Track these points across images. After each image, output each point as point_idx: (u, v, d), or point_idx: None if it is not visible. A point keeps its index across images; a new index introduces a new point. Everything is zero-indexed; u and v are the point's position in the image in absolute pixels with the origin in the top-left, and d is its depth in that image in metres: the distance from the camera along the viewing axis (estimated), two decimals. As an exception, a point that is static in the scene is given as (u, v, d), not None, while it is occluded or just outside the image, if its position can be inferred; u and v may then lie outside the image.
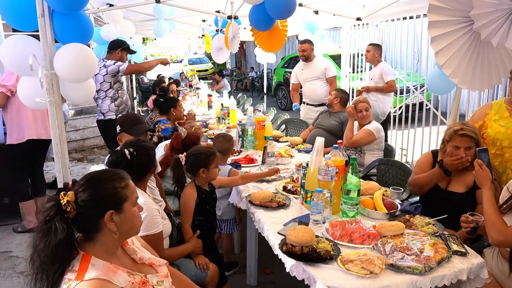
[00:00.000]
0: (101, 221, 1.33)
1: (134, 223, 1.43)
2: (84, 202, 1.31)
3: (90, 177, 1.37)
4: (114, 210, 1.34)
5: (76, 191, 1.33)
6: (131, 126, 2.62)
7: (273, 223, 2.12)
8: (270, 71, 14.84)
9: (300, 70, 5.23)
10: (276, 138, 4.16)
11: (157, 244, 1.97)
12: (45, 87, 2.39)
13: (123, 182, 1.40)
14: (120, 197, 1.37)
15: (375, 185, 2.52)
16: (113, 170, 1.45)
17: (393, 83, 4.95)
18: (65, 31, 2.43)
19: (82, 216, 1.31)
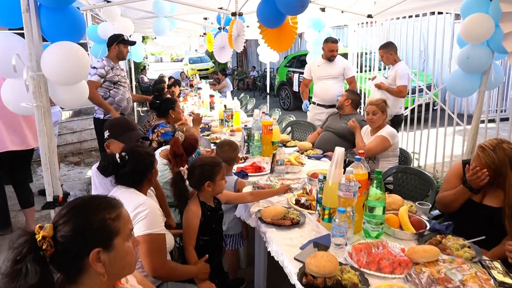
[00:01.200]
0: (85, 261, 1.08)
1: (127, 262, 1.17)
2: (65, 238, 1.06)
3: (73, 206, 1.12)
4: (101, 248, 1.09)
5: (56, 223, 1.08)
6: (121, 133, 2.35)
7: (288, 245, 1.87)
8: (272, 70, 14.59)
9: (316, 67, 4.91)
10: (283, 143, 3.91)
11: (158, 248, 1.75)
12: (31, 90, 2.15)
13: (113, 212, 1.15)
14: (109, 232, 1.12)
15: (398, 198, 2.28)
16: (102, 197, 1.19)
17: (404, 88, 4.65)
18: (54, 28, 2.20)
19: (62, 255, 1.06)
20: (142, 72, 13.81)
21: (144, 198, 1.78)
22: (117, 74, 4.14)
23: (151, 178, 1.96)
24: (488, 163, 2.03)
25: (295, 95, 5.48)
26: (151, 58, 37.80)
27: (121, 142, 2.32)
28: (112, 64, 4.14)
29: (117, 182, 1.90)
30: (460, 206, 2.19)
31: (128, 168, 1.86)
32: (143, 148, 1.98)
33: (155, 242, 1.72)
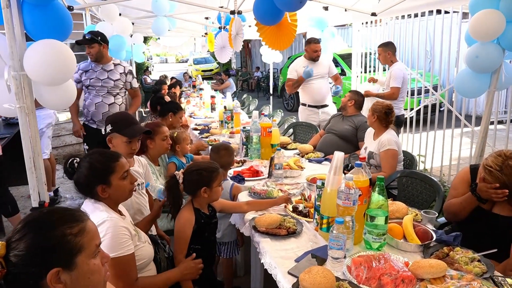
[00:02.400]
0: (42, 282, 0.95)
1: (93, 281, 1.04)
2: (18, 258, 0.94)
3: (29, 221, 0.99)
4: (61, 267, 0.97)
5: (9, 241, 0.95)
6: (125, 126, 2.24)
7: (282, 257, 1.74)
8: (276, 71, 14.46)
9: (303, 68, 4.75)
10: (283, 145, 3.78)
11: (125, 270, 1.61)
12: (13, 91, 2.04)
13: (76, 226, 1.02)
14: (70, 249, 0.99)
15: (402, 206, 2.13)
16: (64, 210, 1.06)
17: (396, 90, 4.52)
18: (37, 25, 2.08)
19: (16, 276, 0.94)
20: (145, 73, 13.72)
21: (104, 216, 1.61)
22: (89, 78, 3.88)
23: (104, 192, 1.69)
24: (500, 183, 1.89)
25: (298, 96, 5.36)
26: (156, 59, 37.85)
27: (124, 136, 2.22)
28: (93, 66, 3.90)
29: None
30: (468, 214, 2.04)
31: (76, 177, 1.71)
32: (97, 156, 1.75)
33: (120, 265, 1.58)
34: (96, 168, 1.69)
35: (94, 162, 1.70)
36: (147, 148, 2.78)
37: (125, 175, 1.75)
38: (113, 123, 2.26)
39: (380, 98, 4.53)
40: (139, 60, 8.02)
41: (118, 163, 1.73)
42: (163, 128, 2.82)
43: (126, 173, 1.75)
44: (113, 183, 1.70)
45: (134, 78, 4.07)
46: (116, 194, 1.72)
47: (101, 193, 1.68)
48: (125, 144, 2.21)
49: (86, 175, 1.68)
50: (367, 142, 3.34)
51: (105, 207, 1.68)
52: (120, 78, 3.93)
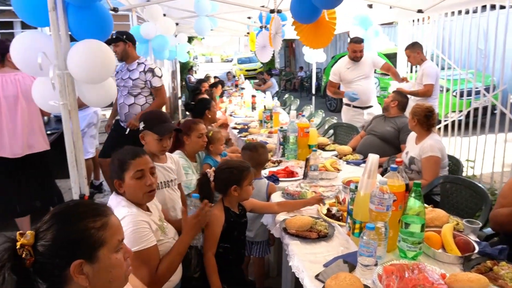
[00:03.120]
0: (67, 272, 0.99)
1: (114, 275, 1.07)
2: (44, 247, 0.98)
3: (56, 213, 1.03)
4: (84, 260, 1.00)
5: (38, 230, 0.99)
6: (155, 124, 2.30)
7: (311, 261, 1.70)
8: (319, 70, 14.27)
9: (346, 69, 4.66)
10: (322, 146, 3.71)
11: (145, 262, 1.64)
12: (58, 88, 2.14)
13: (99, 220, 1.05)
14: (93, 242, 1.02)
15: (442, 214, 2.01)
16: (89, 204, 1.10)
17: (431, 87, 4.38)
18: (81, 26, 2.17)
19: (42, 264, 0.97)
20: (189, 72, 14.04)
21: (125, 212, 1.65)
22: (117, 78, 3.88)
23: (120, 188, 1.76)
24: None
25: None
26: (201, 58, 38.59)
27: (154, 133, 2.27)
28: (122, 66, 3.91)
29: None
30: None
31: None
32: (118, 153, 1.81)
33: (142, 257, 1.61)
34: (114, 163, 1.77)
35: (115, 158, 1.79)
36: (183, 144, 2.83)
37: (139, 175, 1.75)
38: (145, 120, 2.32)
39: (414, 95, 4.39)
40: (183, 60, 8.18)
41: (133, 162, 1.75)
42: (199, 125, 2.86)
43: (140, 173, 1.75)
44: (126, 181, 1.74)
45: (155, 77, 3.78)
46: (128, 192, 1.76)
47: (118, 188, 1.75)
48: (156, 142, 2.26)
49: (111, 169, 1.78)
50: (409, 146, 3.20)
51: (127, 202, 1.73)
52: (139, 77, 3.74)
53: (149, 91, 3.84)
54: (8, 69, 3.12)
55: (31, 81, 3.10)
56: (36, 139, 3.25)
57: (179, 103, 9.21)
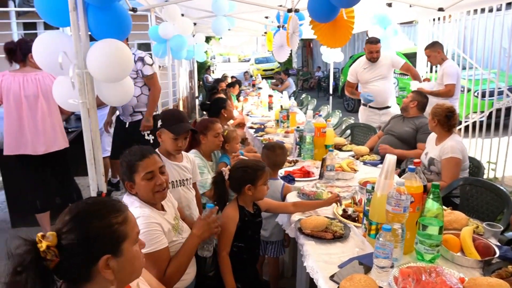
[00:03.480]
0: (93, 268, 1.02)
1: (136, 266, 1.12)
2: (70, 247, 0.99)
3: (77, 213, 1.05)
4: (110, 254, 1.03)
5: (59, 231, 1.01)
6: (172, 124, 2.32)
7: (326, 262, 1.68)
8: (337, 70, 14.16)
9: (362, 70, 4.63)
10: (338, 146, 3.68)
11: (154, 263, 1.65)
12: (77, 87, 2.18)
13: (120, 216, 1.08)
14: (117, 237, 1.06)
15: (461, 216, 1.97)
16: (106, 201, 1.12)
17: (452, 87, 4.28)
18: (100, 26, 2.20)
19: (68, 264, 0.99)
20: (207, 72, 14.12)
21: (137, 213, 1.66)
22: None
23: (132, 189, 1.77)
24: None
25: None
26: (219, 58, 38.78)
27: (170, 132, 2.29)
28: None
29: None
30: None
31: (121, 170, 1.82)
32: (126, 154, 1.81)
33: (151, 259, 1.62)
34: (123, 166, 1.78)
35: (123, 160, 1.79)
36: (199, 143, 2.84)
37: (149, 176, 1.75)
38: (163, 119, 2.34)
39: (435, 95, 4.30)
40: (200, 60, 8.24)
41: (142, 163, 1.74)
42: (216, 125, 2.87)
43: (150, 174, 1.75)
44: (136, 182, 1.75)
45: (145, 65, 3.73)
46: (140, 193, 1.77)
47: (130, 189, 1.76)
48: (171, 141, 2.28)
49: (120, 172, 1.80)
50: (429, 147, 3.14)
51: (140, 202, 1.74)
52: None
53: (142, 81, 3.86)
54: (29, 68, 3.20)
55: (51, 80, 3.18)
56: (56, 137, 3.33)
57: (196, 103, 9.27)
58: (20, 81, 3.14)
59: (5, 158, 3.35)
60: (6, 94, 3.13)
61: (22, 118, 3.17)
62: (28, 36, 3.86)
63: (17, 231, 3.90)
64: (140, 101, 3.91)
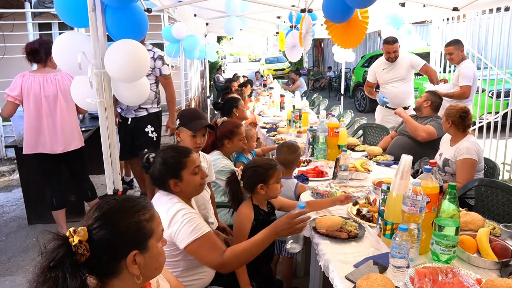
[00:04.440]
0: (121, 264, 1.05)
1: (159, 262, 1.15)
2: (101, 242, 1.02)
3: (108, 209, 1.08)
4: (138, 250, 1.06)
5: (90, 227, 1.04)
6: (189, 121, 2.37)
7: (341, 261, 1.69)
8: (348, 70, 14.10)
9: (381, 70, 4.63)
10: (351, 147, 3.68)
11: (210, 245, 1.67)
12: (95, 87, 2.22)
13: (147, 213, 1.12)
14: (145, 233, 1.09)
15: (477, 218, 1.96)
16: (134, 199, 1.15)
17: (467, 89, 4.20)
18: (118, 27, 2.24)
19: (98, 259, 1.02)
20: (218, 72, 14.17)
21: (179, 206, 1.71)
22: None
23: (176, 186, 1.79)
24: None
25: (371, 97, 5.23)
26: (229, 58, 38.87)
27: (188, 130, 2.34)
28: None
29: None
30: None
31: (151, 171, 1.83)
32: (170, 152, 1.84)
33: (205, 243, 1.66)
34: (168, 163, 1.79)
35: (167, 158, 1.81)
36: (223, 145, 2.87)
37: (196, 171, 1.82)
38: (180, 117, 2.38)
39: (449, 97, 4.25)
40: (212, 59, 8.28)
41: (189, 159, 1.81)
42: (241, 129, 2.90)
43: (197, 168, 1.83)
44: (184, 178, 1.78)
45: (165, 65, 3.76)
46: (187, 189, 1.81)
47: (174, 187, 1.78)
48: (190, 138, 2.31)
49: (160, 169, 1.79)
50: (443, 148, 3.12)
51: (178, 199, 1.77)
52: None
53: (154, 79, 3.82)
54: (49, 69, 3.27)
55: (69, 80, 3.24)
56: (73, 136, 3.39)
57: (208, 102, 9.31)
58: (40, 81, 3.20)
59: (23, 156, 3.42)
60: (26, 94, 3.20)
61: (41, 118, 3.24)
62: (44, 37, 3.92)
63: (34, 228, 3.98)
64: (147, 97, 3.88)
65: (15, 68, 3.38)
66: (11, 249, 3.58)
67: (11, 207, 4.59)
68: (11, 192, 5.08)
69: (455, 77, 4.42)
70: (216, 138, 2.79)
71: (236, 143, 2.86)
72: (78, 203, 3.94)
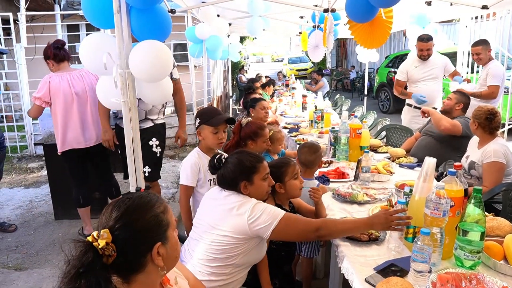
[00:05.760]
0: (147, 258, 1.08)
1: (178, 251, 1.20)
2: (125, 241, 1.05)
3: (126, 208, 1.09)
4: (160, 242, 1.10)
5: (112, 228, 1.05)
6: (210, 117, 2.40)
7: (361, 264, 1.67)
8: (372, 70, 13.91)
9: (414, 68, 4.54)
10: (373, 148, 3.62)
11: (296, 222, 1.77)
12: (119, 86, 2.27)
13: (161, 205, 1.16)
14: (164, 225, 1.13)
15: (505, 223, 1.90)
16: (147, 194, 1.18)
17: (496, 89, 4.12)
18: (142, 28, 2.28)
19: (124, 257, 1.04)
20: (240, 72, 14.23)
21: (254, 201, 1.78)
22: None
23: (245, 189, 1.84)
24: None
25: (396, 97, 5.11)
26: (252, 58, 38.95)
27: (210, 126, 2.39)
28: None
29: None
30: None
31: (223, 171, 1.88)
32: (246, 155, 1.91)
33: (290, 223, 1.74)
34: (244, 165, 1.85)
35: (243, 160, 1.87)
36: (246, 145, 2.88)
37: (266, 177, 1.88)
38: (200, 115, 2.42)
39: (477, 97, 4.14)
40: (235, 60, 8.34)
41: (262, 165, 1.88)
42: (265, 131, 2.90)
43: (267, 175, 1.89)
44: (255, 182, 1.84)
45: (174, 68, 3.25)
46: (255, 193, 1.85)
47: (243, 189, 1.82)
48: (212, 135, 2.35)
49: (233, 170, 1.85)
50: (470, 150, 3.04)
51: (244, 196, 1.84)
52: None
53: None
54: (70, 68, 3.38)
55: (93, 76, 3.34)
56: (100, 130, 3.45)
57: (230, 102, 9.37)
58: (68, 79, 3.30)
59: (50, 154, 3.52)
60: (56, 93, 3.27)
61: (73, 114, 3.33)
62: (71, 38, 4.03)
63: (60, 223, 4.10)
64: (154, 106, 3.30)
65: (46, 69, 3.47)
66: (39, 243, 3.70)
67: (39, 202, 4.74)
68: (40, 188, 5.24)
69: (482, 77, 4.32)
70: (240, 138, 2.80)
71: (260, 145, 2.87)
72: (102, 200, 4.03)
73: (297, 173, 2.14)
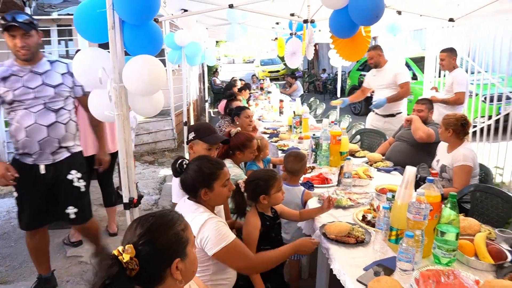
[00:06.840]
0: (166, 272, 1.19)
1: (195, 266, 1.30)
2: (148, 256, 1.15)
3: (149, 226, 1.20)
4: (179, 258, 1.20)
5: (136, 244, 1.16)
6: (207, 135, 2.49)
7: (351, 265, 1.83)
8: (344, 73, 14.29)
9: (372, 77, 4.92)
10: (352, 153, 3.81)
11: (238, 251, 1.83)
12: (114, 100, 2.33)
13: (182, 223, 1.26)
14: (183, 242, 1.23)
15: (474, 223, 2.11)
16: (170, 213, 1.28)
17: (462, 95, 4.44)
18: (135, 43, 2.35)
19: (146, 271, 1.15)
20: (214, 75, 14.27)
21: (205, 217, 1.82)
22: (12, 88, 2.51)
23: (206, 196, 1.91)
24: None
25: (367, 100, 5.39)
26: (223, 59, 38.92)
27: (205, 143, 2.48)
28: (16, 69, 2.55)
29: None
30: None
31: (184, 177, 1.95)
32: (206, 162, 1.97)
33: (234, 249, 1.80)
34: (204, 172, 1.91)
35: (202, 167, 1.92)
36: (234, 154, 2.99)
37: (226, 183, 1.95)
38: (196, 130, 2.50)
39: (445, 103, 4.45)
40: (211, 64, 8.39)
41: (223, 171, 1.94)
42: (253, 142, 3.03)
43: (227, 181, 1.96)
44: (216, 189, 1.91)
45: None
46: (215, 199, 1.94)
47: (203, 195, 1.90)
48: (205, 151, 2.44)
49: (194, 177, 1.91)
50: (440, 154, 3.27)
51: (204, 208, 1.90)
52: (63, 81, 2.66)
53: (73, 102, 2.79)
54: None
55: None
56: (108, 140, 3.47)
57: (206, 106, 9.41)
58: None
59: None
60: None
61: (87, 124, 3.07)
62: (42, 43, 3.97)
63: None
64: (68, 131, 2.74)
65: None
66: (22, 255, 3.64)
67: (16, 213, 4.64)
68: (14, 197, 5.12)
69: (448, 84, 4.61)
70: (229, 147, 2.91)
71: (247, 155, 2.99)
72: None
73: (281, 186, 2.27)
